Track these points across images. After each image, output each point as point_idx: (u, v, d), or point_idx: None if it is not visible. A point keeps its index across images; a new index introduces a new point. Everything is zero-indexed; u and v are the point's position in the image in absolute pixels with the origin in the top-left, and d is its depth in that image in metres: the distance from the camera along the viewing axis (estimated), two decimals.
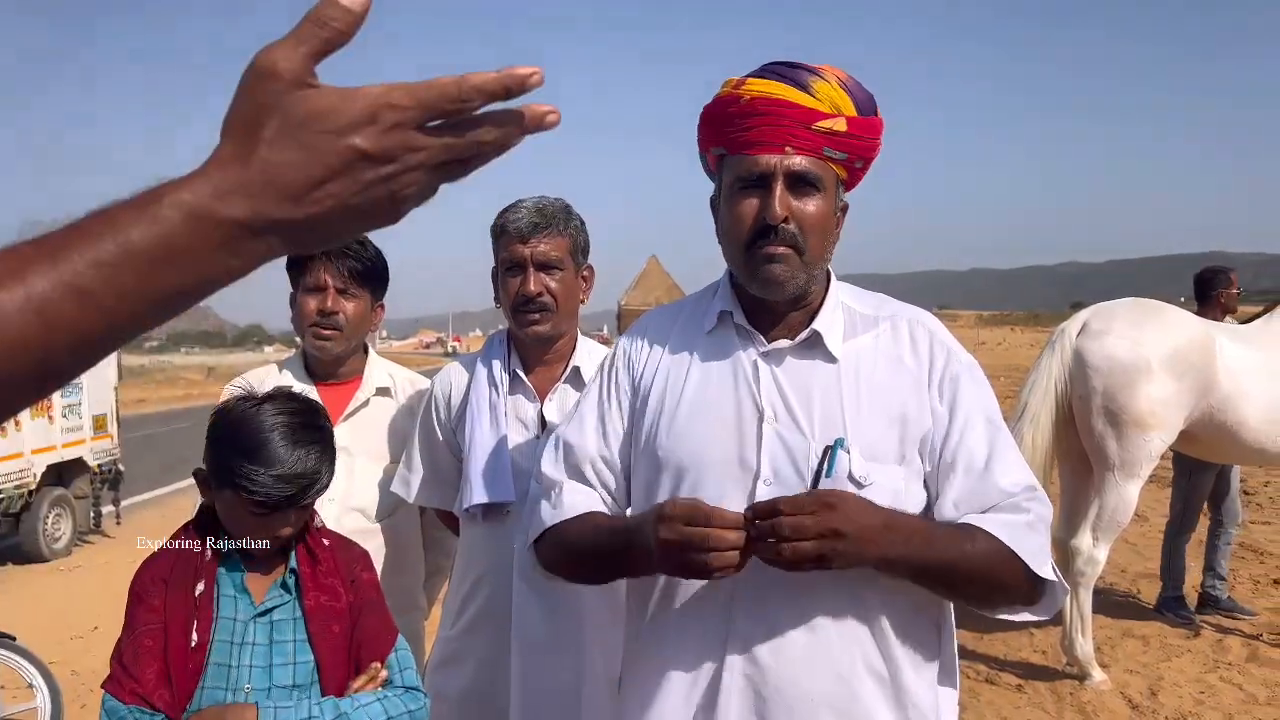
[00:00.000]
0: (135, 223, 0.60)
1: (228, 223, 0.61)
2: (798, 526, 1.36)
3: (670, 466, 1.61)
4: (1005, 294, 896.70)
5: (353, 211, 0.64)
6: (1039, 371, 5.01)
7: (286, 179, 0.62)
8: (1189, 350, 4.80)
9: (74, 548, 9.71)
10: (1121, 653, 5.44)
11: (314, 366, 2.54)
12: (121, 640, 1.78)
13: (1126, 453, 4.77)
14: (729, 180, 1.59)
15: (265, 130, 0.62)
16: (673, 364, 1.67)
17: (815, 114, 1.53)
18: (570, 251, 2.27)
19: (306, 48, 0.62)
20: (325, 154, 0.62)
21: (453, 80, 0.63)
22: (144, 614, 1.78)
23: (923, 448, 1.55)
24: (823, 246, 1.58)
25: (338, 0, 0.62)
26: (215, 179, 0.62)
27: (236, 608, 1.83)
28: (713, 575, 1.42)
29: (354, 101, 0.62)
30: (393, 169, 0.63)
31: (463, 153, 0.65)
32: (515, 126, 0.66)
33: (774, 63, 1.58)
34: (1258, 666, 5.17)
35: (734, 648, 1.52)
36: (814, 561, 1.38)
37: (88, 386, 10.10)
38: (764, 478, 1.54)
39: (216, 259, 0.62)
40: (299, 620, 1.86)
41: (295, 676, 1.83)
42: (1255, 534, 7.98)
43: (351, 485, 2.45)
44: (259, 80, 0.62)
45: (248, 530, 1.82)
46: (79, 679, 5.82)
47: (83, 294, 0.59)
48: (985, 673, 5.15)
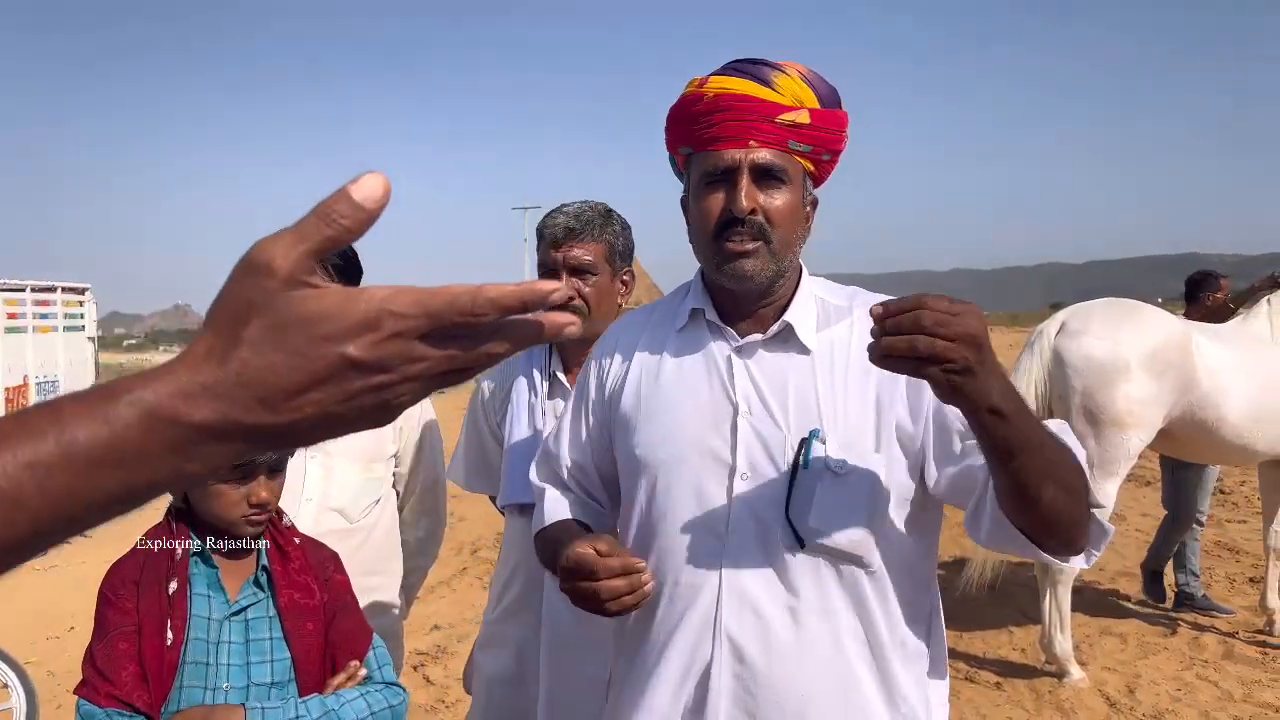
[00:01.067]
0: (84, 421, 0.55)
1: (190, 426, 0.56)
2: (941, 321, 1.17)
3: (647, 464, 1.61)
4: (985, 294, 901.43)
5: (335, 419, 0.59)
6: (1018, 373, 5.03)
7: (266, 384, 0.56)
8: (1166, 349, 4.84)
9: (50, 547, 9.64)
10: (1099, 650, 5.48)
11: None
12: (93, 644, 1.77)
13: (1105, 452, 4.80)
14: (696, 177, 1.59)
15: (249, 329, 0.56)
16: (645, 364, 1.68)
17: (778, 107, 1.53)
18: (606, 256, 2.29)
19: (308, 245, 0.57)
20: (313, 360, 0.56)
21: (466, 291, 0.57)
22: (116, 616, 1.77)
23: (901, 435, 1.53)
24: (791, 238, 1.58)
25: (350, 195, 0.57)
26: (184, 377, 0.57)
27: (210, 606, 1.83)
28: (614, 615, 1.46)
29: (353, 306, 0.56)
30: (386, 379, 0.58)
31: (467, 364, 0.60)
32: (531, 338, 0.60)
33: (736, 60, 1.58)
34: (1233, 664, 5.21)
35: (722, 644, 1.52)
36: (945, 366, 1.18)
37: (64, 385, 10.02)
38: (740, 471, 1.53)
39: (170, 462, 0.57)
40: (274, 618, 1.86)
41: (273, 674, 1.83)
42: (1231, 532, 8.05)
43: (329, 486, 2.44)
44: (250, 275, 0.57)
45: (225, 506, 1.82)
46: (55, 679, 5.78)
47: (7, 496, 0.54)
48: (964, 670, 5.17)
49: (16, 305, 9.50)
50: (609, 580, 1.41)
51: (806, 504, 1.49)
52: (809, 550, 1.49)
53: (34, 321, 9.69)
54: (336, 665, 1.89)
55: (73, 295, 10.37)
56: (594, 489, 1.78)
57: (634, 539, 1.63)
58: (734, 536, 1.52)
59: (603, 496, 1.78)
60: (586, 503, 1.77)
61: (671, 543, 1.57)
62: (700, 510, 1.55)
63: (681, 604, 1.55)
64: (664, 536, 1.58)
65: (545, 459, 1.83)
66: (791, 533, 1.49)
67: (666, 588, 1.57)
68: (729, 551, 1.52)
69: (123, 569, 1.83)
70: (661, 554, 1.58)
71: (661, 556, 1.57)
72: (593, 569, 1.42)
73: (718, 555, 1.53)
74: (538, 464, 1.84)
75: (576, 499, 1.77)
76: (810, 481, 1.49)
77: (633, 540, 1.64)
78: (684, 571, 1.55)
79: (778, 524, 1.50)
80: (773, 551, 1.51)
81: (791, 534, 1.49)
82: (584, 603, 1.45)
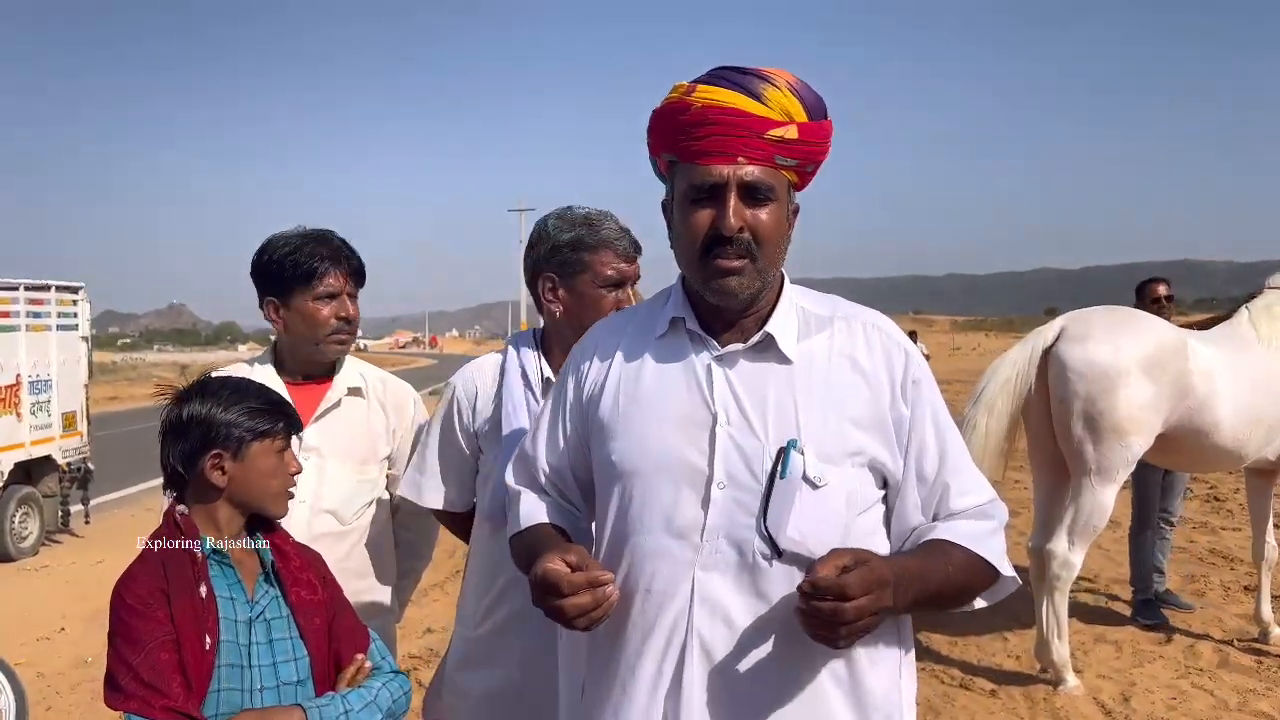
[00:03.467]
0: None
1: None
2: (860, 610, 1.37)
3: (624, 472, 1.61)
4: (980, 300, 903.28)
5: None
6: (1004, 362, 5.07)
7: None
8: (1163, 355, 4.85)
9: (41, 547, 9.58)
10: (1094, 658, 5.47)
11: (290, 367, 2.52)
12: (127, 657, 1.73)
13: (1104, 458, 4.80)
14: (682, 189, 1.58)
15: None
16: (624, 371, 1.67)
17: (767, 123, 1.52)
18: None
19: None
20: None
21: None
22: (149, 627, 1.74)
23: (877, 449, 1.56)
24: (776, 253, 1.59)
25: None
26: None
27: (235, 609, 1.84)
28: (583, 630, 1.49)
29: None
30: None
31: None
32: None
33: (724, 68, 1.57)
34: (1229, 673, 5.20)
35: (693, 651, 1.52)
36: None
37: (57, 384, 9.97)
38: (718, 481, 1.53)
39: None
40: (288, 617, 1.89)
41: (298, 672, 1.87)
42: (1226, 540, 8.06)
43: (322, 487, 2.42)
44: None
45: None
46: (44, 680, 5.74)
47: None
48: (959, 678, 5.16)
49: (10, 304, 9.45)
50: (575, 598, 1.43)
51: (783, 514, 1.49)
52: (785, 560, 1.50)
53: (27, 320, 9.65)
54: (342, 661, 1.92)
55: (67, 294, 10.32)
56: (570, 493, 1.77)
57: (608, 544, 1.64)
58: (708, 545, 1.53)
59: (578, 500, 1.77)
60: (562, 506, 1.77)
61: (646, 549, 1.57)
62: (676, 518, 1.55)
63: (654, 610, 1.55)
64: (638, 543, 1.58)
65: (522, 461, 1.81)
66: (768, 542, 1.50)
67: (640, 593, 1.57)
68: (702, 560, 1.53)
69: (143, 578, 1.80)
70: (635, 560, 1.58)
71: (635, 562, 1.58)
72: (558, 586, 1.44)
73: (691, 563, 1.53)
74: (514, 466, 1.83)
75: (553, 503, 1.76)
76: (787, 492, 1.49)
77: (606, 545, 1.64)
78: (657, 578, 1.55)
79: (754, 534, 1.51)
80: (747, 561, 1.51)
81: (768, 543, 1.50)
82: (554, 617, 1.48)
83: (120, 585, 1.80)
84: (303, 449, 2.40)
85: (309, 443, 2.42)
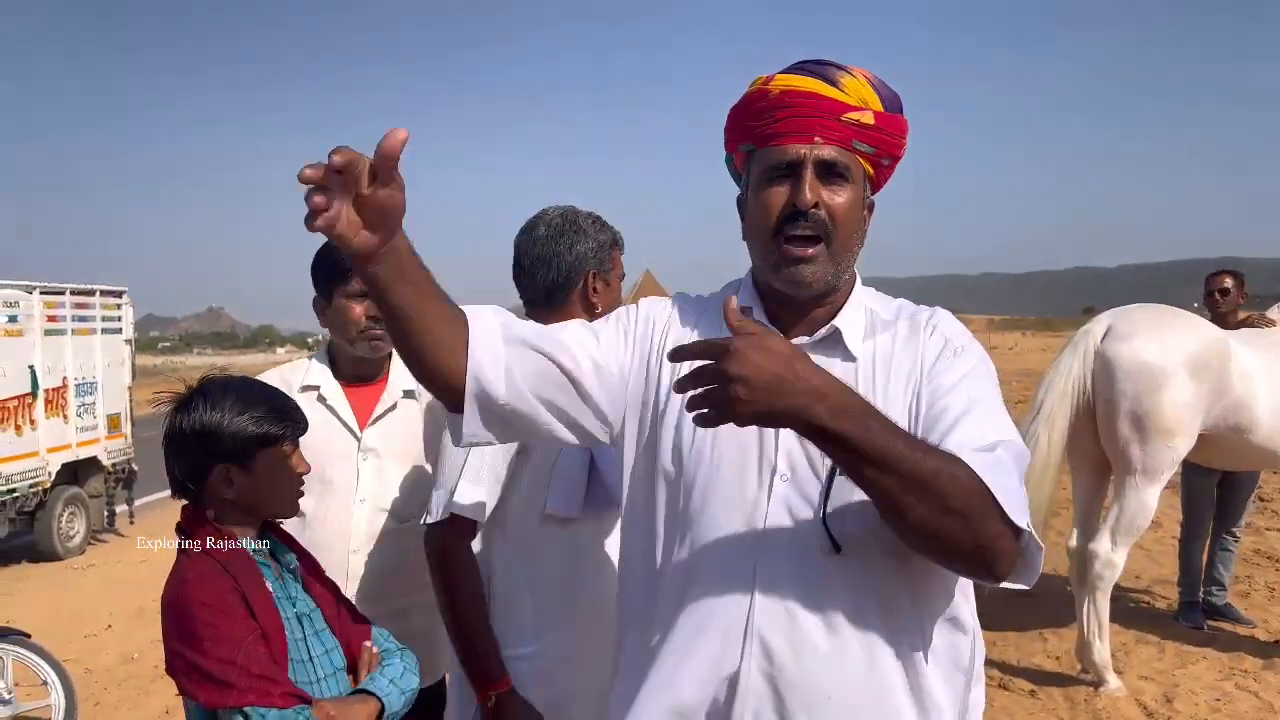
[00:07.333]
0: None
1: None
2: (696, 374, 1.28)
3: (688, 457, 1.59)
4: (1016, 299, 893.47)
5: None
6: (1057, 371, 4.98)
7: None
8: (1207, 354, 4.80)
9: (88, 546, 9.77)
10: (1136, 659, 5.41)
11: (343, 368, 2.54)
12: (221, 655, 1.70)
13: (1149, 458, 4.75)
14: (757, 173, 1.59)
15: None
16: None
17: (843, 105, 1.53)
18: None
19: None
20: None
21: None
22: (234, 625, 1.73)
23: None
24: (851, 240, 1.58)
25: None
26: None
27: (289, 604, 1.88)
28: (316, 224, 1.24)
29: None
30: None
31: None
32: None
33: (802, 60, 1.59)
34: (1274, 674, 5.12)
35: (753, 643, 1.51)
36: (716, 412, 1.26)
37: (102, 386, 10.16)
38: (780, 472, 1.53)
39: None
40: (317, 611, 1.93)
41: (335, 662, 1.91)
42: (1271, 541, 7.93)
43: (381, 487, 2.46)
44: None
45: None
46: (92, 676, 5.85)
47: None
48: (998, 678, 5.12)
49: (56, 308, 9.65)
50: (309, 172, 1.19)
51: (844, 509, 1.48)
52: (845, 555, 1.49)
53: (73, 324, 9.84)
54: (353, 649, 1.96)
55: (110, 298, 10.52)
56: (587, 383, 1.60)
57: (667, 530, 1.62)
58: (770, 536, 1.52)
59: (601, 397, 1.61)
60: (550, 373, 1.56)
61: (708, 536, 1.56)
62: (739, 507, 1.54)
63: (714, 598, 1.54)
64: (701, 530, 1.57)
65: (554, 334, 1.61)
66: (828, 537, 1.49)
67: (700, 580, 1.56)
68: (765, 550, 1.52)
69: (210, 578, 1.78)
70: (696, 547, 1.57)
71: (696, 549, 1.57)
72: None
73: (753, 553, 1.52)
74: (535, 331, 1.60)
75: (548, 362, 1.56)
76: (848, 487, 1.48)
77: (664, 530, 1.61)
78: (719, 566, 1.54)
79: (814, 527, 1.50)
80: (809, 554, 1.50)
81: (828, 538, 1.49)
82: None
83: (187, 588, 1.77)
84: (361, 449, 2.46)
85: (367, 444, 2.46)
